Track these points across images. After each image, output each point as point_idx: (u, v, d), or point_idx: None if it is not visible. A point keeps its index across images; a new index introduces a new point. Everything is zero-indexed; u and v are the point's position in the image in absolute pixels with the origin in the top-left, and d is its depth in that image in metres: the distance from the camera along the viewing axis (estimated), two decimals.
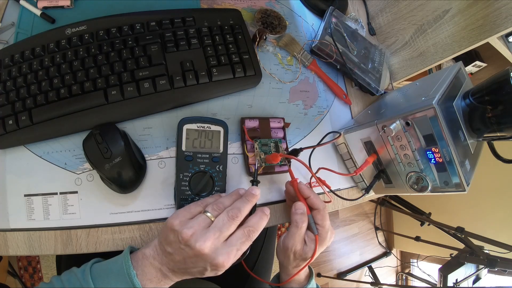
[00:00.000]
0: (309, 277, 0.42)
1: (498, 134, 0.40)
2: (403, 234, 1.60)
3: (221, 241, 0.29)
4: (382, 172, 0.47)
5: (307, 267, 0.40)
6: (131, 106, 0.38)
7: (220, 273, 0.30)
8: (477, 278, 1.11)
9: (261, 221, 0.32)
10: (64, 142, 0.38)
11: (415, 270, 1.80)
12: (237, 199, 0.33)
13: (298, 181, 0.41)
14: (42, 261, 1.07)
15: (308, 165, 0.47)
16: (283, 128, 0.47)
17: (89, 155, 0.35)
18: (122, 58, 0.40)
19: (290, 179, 0.42)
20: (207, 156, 0.39)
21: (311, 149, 0.48)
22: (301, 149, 0.43)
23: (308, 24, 0.58)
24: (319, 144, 0.48)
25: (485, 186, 1.24)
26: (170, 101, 0.41)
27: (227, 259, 0.29)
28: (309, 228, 0.39)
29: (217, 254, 0.28)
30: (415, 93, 0.49)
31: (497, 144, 0.44)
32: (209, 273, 0.30)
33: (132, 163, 0.36)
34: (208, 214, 0.31)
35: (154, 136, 0.41)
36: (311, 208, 0.39)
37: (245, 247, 0.30)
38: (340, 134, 0.48)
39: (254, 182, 0.38)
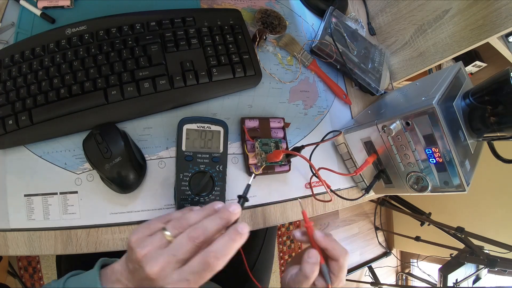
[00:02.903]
0: None
1: (498, 134, 0.40)
2: (403, 234, 1.60)
3: (174, 266, 0.25)
4: (382, 172, 0.47)
5: None
6: (131, 106, 0.38)
7: None
8: (477, 278, 1.11)
9: (230, 245, 0.25)
10: (64, 142, 0.38)
11: (415, 270, 1.80)
12: (208, 215, 0.28)
13: (314, 230, 0.35)
14: (42, 261, 1.07)
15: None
16: (283, 128, 0.47)
17: (89, 155, 0.35)
18: (122, 58, 0.40)
19: (305, 226, 0.36)
20: (207, 156, 0.39)
21: (312, 148, 0.48)
22: (302, 147, 0.43)
23: (308, 24, 0.58)
24: (321, 141, 0.48)
25: (485, 186, 1.24)
26: (170, 101, 0.41)
27: None
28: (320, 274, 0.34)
29: (166, 282, 0.24)
30: (415, 93, 0.49)
31: (497, 144, 0.44)
32: None
33: (132, 163, 0.36)
34: (167, 232, 0.26)
35: (154, 136, 0.41)
36: (329, 258, 0.34)
37: (202, 280, 0.24)
38: (341, 132, 0.49)
39: (241, 199, 0.32)
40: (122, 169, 0.35)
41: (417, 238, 1.40)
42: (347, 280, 1.64)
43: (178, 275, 0.24)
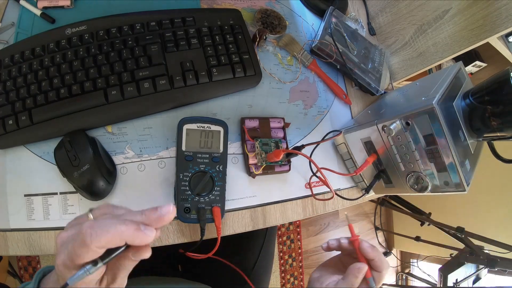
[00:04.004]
0: None
1: (498, 134, 0.40)
2: (403, 234, 1.60)
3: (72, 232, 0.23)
4: (382, 172, 0.47)
5: None
6: (131, 106, 0.38)
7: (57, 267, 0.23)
8: (477, 278, 1.11)
9: (111, 225, 0.21)
10: None
11: (415, 270, 1.80)
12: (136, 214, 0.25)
13: (360, 240, 0.36)
14: (42, 261, 1.07)
15: (310, 163, 0.47)
16: (283, 128, 0.47)
17: (59, 163, 0.35)
18: (122, 58, 0.40)
19: (351, 237, 0.37)
20: (207, 156, 0.39)
21: (312, 148, 0.48)
22: (302, 146, 0.43)
23: (308, 24, 0.58)
24: (321, 141, 0.48)
25: (485, 186, 1.24)
26: (170, 101, 0.41)
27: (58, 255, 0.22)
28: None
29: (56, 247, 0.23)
30: (415, 93, 0.49)
31: (497, 144, 0.44)
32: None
33: (101, 170, 0.35)
34: (90, 214, 0.24)
35: (154, 136, 0.41)
36: (372, 269, 0.35)
37: (75, 251, 0.21)
38: (341, 132, 0.49)
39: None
40: (91, 177, 0.35)
41: (417, 238, 1.40)
42: None
43: (59, 239, 0.23)
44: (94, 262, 0.21)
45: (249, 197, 0.43)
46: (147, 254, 0.23)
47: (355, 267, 0.34)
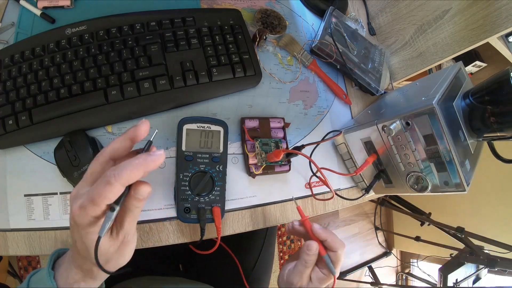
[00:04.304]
0: None
1: (498, 134, 0.40)
2: (403, 234, 1.60)
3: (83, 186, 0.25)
4: (382, 172, 0.47)
5: None
6: (131, 106, 0.38)
7: (75, 227, 0.25)
8: (477, 278, 1.11)
9: (133, 162, 0.23)
10: None
11: (415, 270, 1.80)
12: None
13: (312, 223, 0.37)
14: (42, 261, 1.07)
15: (310, 163, 0.47)
16: (283, 128, 0.47)
17: (59, 163, 0.35)
18: (122, 58, 0.40)
19: (301, 219, 0.39)
20: (207, 156, 0.39)
21: (312, 148, 0.48)
22: (302, 146, 0.43)
23: (308, 24, 0.58)
24: (321, 141, 0.48)
25: (485, 186, 1.24)
26: (170, 101, 0.41)
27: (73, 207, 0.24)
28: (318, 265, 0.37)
29: (75, 207, 0.24)
30: (415, 93, 0.49)
31: (497, 144, 0.44)
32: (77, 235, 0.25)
33: None
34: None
35: (154, 136, 0.41)
36: (328, 249, 0.37)
37: (102, 195, 0.22)
38: (341, 132, 0.49)
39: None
40: None
41: (417, 238, 1.40)
42: (347, 280, 1.64)
43: (81, 199, 0.24)
44: (112, 209, 0.24)
45: (249, 197, 0.43)
46: (147, 188, 0.25)
47: (304, 245, 0.36)
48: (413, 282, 1.76)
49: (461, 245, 1.11)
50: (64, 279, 0.28)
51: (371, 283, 1.58)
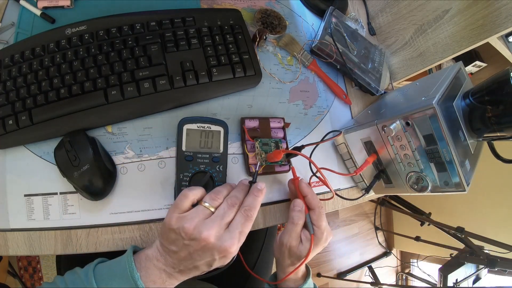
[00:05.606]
0: (306, 276, 0.42)
1: (498, 134, 0.40)
2: (403, 234, 1.60)
3: (223, 228, 0.30)
4: (382, 172, 0.47)
5: (304, 266, 0.40)
6: (131, 106, 0.38)
7: (228, 260, 0.31)
8: (477, 278, 1.11)
9: (256, 199, 0.33)
10: None
11: (415, 270, 1.80)
12: (232, 188, 0.34)
13: (300, 179, 0.41)
14: (42, 261, 1.07)
15: (310, 164, 0.47)
16: (283, 128, 0.47)
17: (59, 163, 0.35)
18: (122, 58, 0.40)
19: (292, 178, 0.43)
20: (207, 156, 0.39)
21: (312, 148, 0.48)
22: (302, 147, 0.43)
23: (308, 24, 0.58)
24: (321, 141, 0.48)
25: (485, 186, 1.24)
26: (170, 101, 0.41)
27: (233, 243, 0.29)
28: (306, 227, 0.39)
29: (223, 241, 0.29)
30: (415, 93, 0.49)
31: (497, 144, 0.44)
32: (217, 263, 0.30)
33: (101, 170, 0.35)
34: (206, 204, 0.31)
35: (154, 136, 0.41)
36: (309, 209, 0.39)
37: (247, 228, 0.31)
38: (341, 132, 0.49)
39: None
40: (91, 177, 0.35)
41: (417, 238, 1.40)
42: (347, 280, 1.64)
43: (229, 233, 0.29)
44: None
45: None
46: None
47: (291, 203, 0.39)
48: (413, 282, 1.76)
49: (461, 245, 1.11)
50: (145, 277, 0.30)
51: (371, 283, 1.58)
